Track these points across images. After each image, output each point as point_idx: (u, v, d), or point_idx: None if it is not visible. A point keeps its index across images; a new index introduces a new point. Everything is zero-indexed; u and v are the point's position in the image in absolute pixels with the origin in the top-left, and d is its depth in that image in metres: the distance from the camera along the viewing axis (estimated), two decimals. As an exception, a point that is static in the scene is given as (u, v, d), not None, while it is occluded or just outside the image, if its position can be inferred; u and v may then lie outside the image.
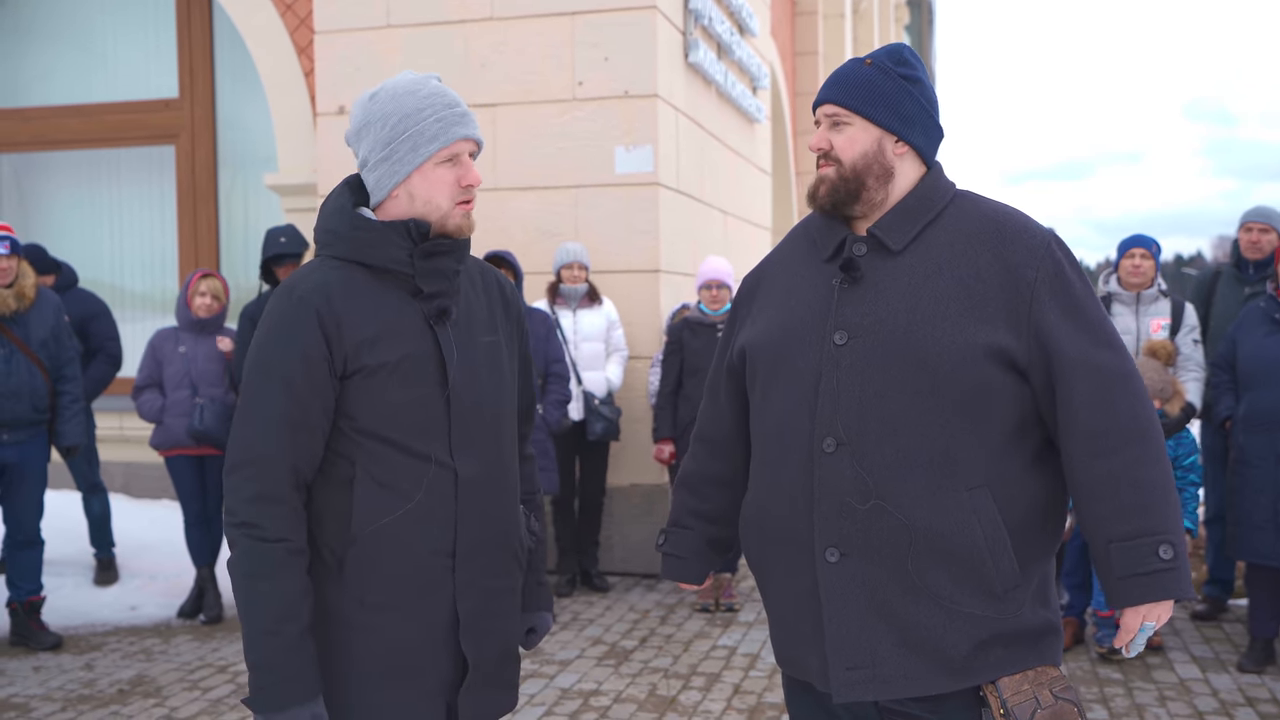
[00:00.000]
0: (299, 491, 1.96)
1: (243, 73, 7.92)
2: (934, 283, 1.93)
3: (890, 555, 1.89)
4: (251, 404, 1.96)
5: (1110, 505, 1.87)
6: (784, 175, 12.17)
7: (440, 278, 2.03)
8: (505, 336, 2.18)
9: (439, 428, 2.00)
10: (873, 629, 1.91)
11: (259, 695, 1.92)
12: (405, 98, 2.01)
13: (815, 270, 2.04)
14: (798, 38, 12.80)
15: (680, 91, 7.06)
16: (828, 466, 1.92)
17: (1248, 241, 5.93)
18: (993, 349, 1.88)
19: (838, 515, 1.91)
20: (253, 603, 1.93)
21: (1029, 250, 1.94)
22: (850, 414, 1.91)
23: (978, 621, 1.89)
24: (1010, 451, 1.92)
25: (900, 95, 2.00)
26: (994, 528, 1.88)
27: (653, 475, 6.69)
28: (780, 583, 2.04)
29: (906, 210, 2.00)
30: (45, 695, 4.72)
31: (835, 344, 1.94)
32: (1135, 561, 1.85)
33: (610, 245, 6.64)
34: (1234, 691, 4.63)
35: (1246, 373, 5.11)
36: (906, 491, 1.88)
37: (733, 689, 4.70)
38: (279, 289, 2.02)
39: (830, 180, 2.00)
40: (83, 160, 8.41)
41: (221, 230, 8.14)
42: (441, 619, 2.02)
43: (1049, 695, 1.89)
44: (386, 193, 2.03)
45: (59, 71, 8.41)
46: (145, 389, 5.92)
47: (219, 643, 5.47)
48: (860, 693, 1.93)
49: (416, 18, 6.83)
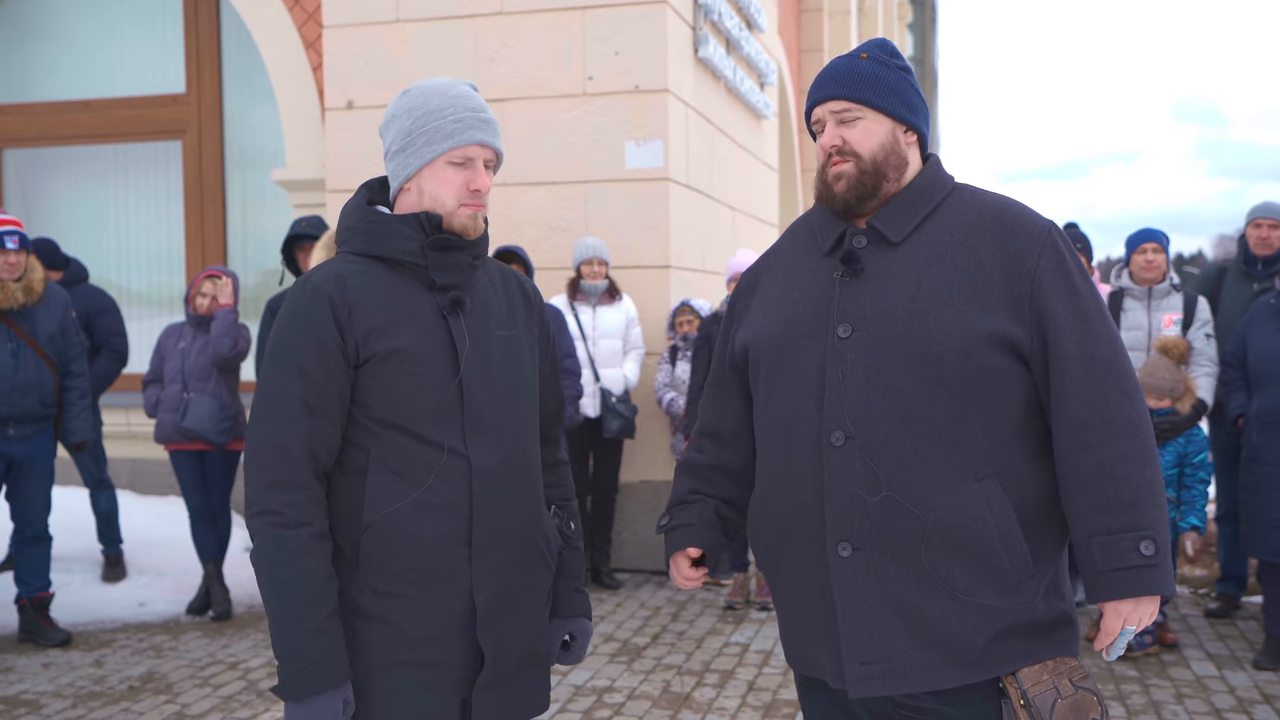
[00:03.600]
0: (318, 478, 1.97)
1: (250, 68, 7.90)
2: (935, 272, 1.92)
3: (903, 548, 1.88)
4: (268, 391, 1.99)
5: (1094, 499, 1.86)
6: (790, 172, 12.15)
7: (453, 270, 2.06)
8: (527, 335, 2.18)
9: (452, 417, 2.01)
10: (887, 623, 1.89)
11: (287, 683, 1.91)
12: (433, 96, 2.06)
13: (816, 264, 2.03)
14: (803, 34, 12.78)
15: (690, 87, 7.03)
16: (837, 460, 1.90)
17: (1257, 238, 5.90)
18: (996, 336, 1.88)
19: (848, 509, 1.90)
20: (277, 590, 1.92)
21: (1030, 238, 1.93)
22: (857, 406, 1.90)
23: (992, 613, 1.88)
24: (1018, 441, 1.91)
25: (902, 85, 2.00)
26: (1006, 518, 1.87)
27: (663, 472, 6.67)
28: (791, 579, 2.02)
29: (907, 201, 1.98)
30: (55, 692, 4.70)
31: (839, 337, 1.93)
32: (1116, 556, 1.84)
33: (620, 241, 6.62)
34: (1251, 689, 4.61)
35: (1258, 370, 5.09)
36: (917, 483, 1.87)
37: (747, 686, 4.68)
38: (297, 281, 2.06)
39: (850, 176, 1.97)
40: (89, 156, 8.39)
41: (229, 226, 8.12)
42: (457, 610, 2.01)
43: (1069, 685, 1.88)
44: (399, 184, 2.08)
45: (65, 66, 8.38)
46: (150, 384, 5.95)
47: (229, 639, 5.44)
48: (876, 688, 1.91)
49: (426, 12, 6.80)
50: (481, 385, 2.04)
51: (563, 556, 2.25)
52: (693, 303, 6.46)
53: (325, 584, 1.93)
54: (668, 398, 6.39)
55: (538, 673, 2.15)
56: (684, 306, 6.42)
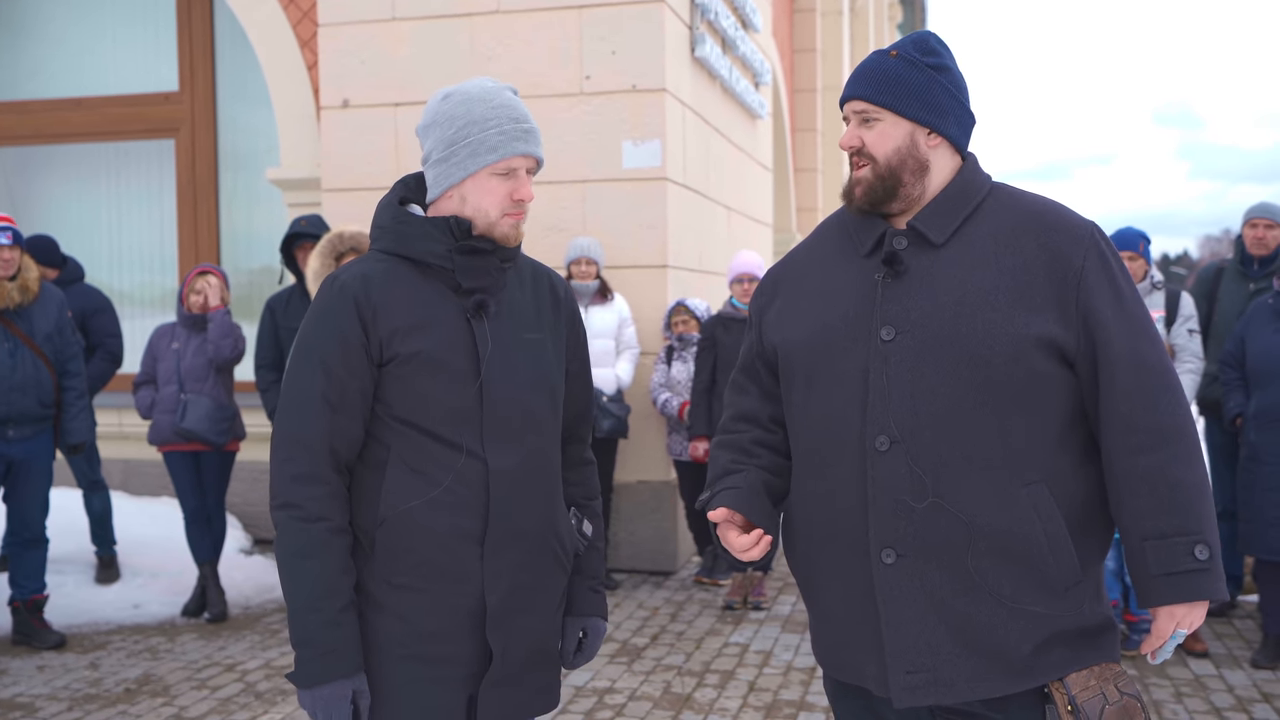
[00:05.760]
0: (340, 473, 2.01)
1: (244, 66, 7.85)
2: (980, 274, 1.89)
3: (949, 554, 1.85)
4: (293, 387, 2.03)
5: (1147, 502, 1.84)
6: (783, 172, 12.16)
7: (481, 274, 2.07)
8: (553, 336, 2.18)
9: (471, 419, 2.03)
10: (933, 631, 1.86)
11: (301, 670, 1.97)
12: (475, 104, 2.06)
13: (853, 266, 1.99)
14: (796, 34, 12.78)
15: (687, 86, 7.02)
16: (882, 465, 1.87)
17: (1253, 238, 5.92)
18: (1044, 339, 1.85)
19: (893, 515, 1.87)
20: (295, 581, 1.98)
21: (1075, 239, 1.90)
22: (903, 411, 1.87)
23: (1040, 620, 1.85)
24: (1065, 445, 1.89)
25: (929, 86, 1.94)
26: (1054, 524, 1.85)
27: (659, 472, 6.66)
28: (830, 586, 1.98)
29: (946, 202, 1.95)
30: (51, 695, 4.67)
31: (882, 340, 1.89)
32: (1170, 560, 1.83)
33: (618, 240, 6.60)
34: (1249, 687, 4.62)
35: (1256, 370, 5.10)
36: (964, 488, 1.84)
37: (748, 686, 4.67)
38: (326, 279, 2.08)
39: (866, 181, 1.96)
40: (82, 154, 8.33)
41: (222, 225, 8.07)
42: (468, 607, 2.03)
43: (1115, 691, 1.86)
44: (441, 191, 2.10)
45: (57, 64, 8.32)
46: (143, 384, 5.90)
47: (225, 641, 5.41)
48: (922, 697, 1.88)
49: (422, 10, 6.77)
50: (502, 389, 2.05)
51: (581, 556, 2.25)
52: (688, 303, 6.44)
53: (341, 577, 1.98)
54: (662, 398, 6.37)
55: (546, 672, 2.17)
56: (679, 307, 6.40)
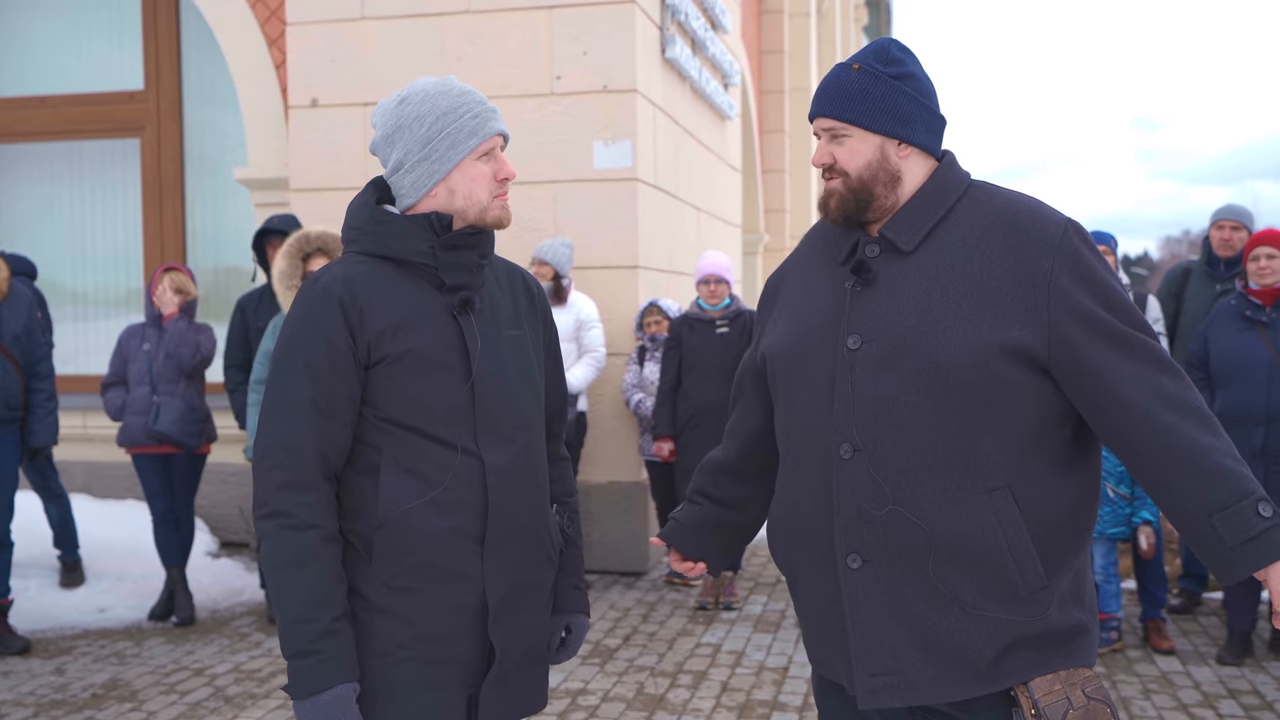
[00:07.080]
0: (328, 480, 1.98)
1: (210, 65, 7.77)
2: (946, 282, 1.89)
3: (911, 561, 1.87)
4: (278, 393, 1.98)
5: (1191, 480, 1.83)
6: (751, 173, 12.19)
7: (463, 270, 2.06)
8: (532, 333, 2.19)
9: (464, 417, 2.02)
10: (896, 635, 1.89)
11: (298, 680, 1.93)
12: (439, 98, 2.06)
13: (831, 273, 2.01)
14: (764, 36, 12.83)
15: (658, 87, 7.03)
16: (845, 473, 1.90)
17: (1220, 239, 6.00)
18: (1008, 347, 1.84)
19: (856, 522, 1.89)
20: (288, 590, 1.93)
21: (1043, 239, 1.89)
22: (865, 419, 1.88)
23: (1003, 625, 1.86)
24: (1032, 450, 1.88)
25: (894, 97, 1.93)
26: (1016, 530, 1.85)
27: (631, 473, 6.66)
28: (808, 586, 2.02)
29: (916, 209, 1.95)
30: (16, 700, 4.60)
31: (849, 348, 1.91)
32: (1243, 527, 1.81)
33: (589, 240, 6.60)
34: (1215, 684, 4.68)
35: (1219, 370, 5.16)
36: (923, 496, 1.86)
37: (721, 686, 4.68)
38: (306, 282, 2.06)
39: (839, 194, 1.96)
40: (45, 153, 8.21)
41: (188, 225, 7.98)
42: (468, 606, 2.02)
43: (1081, 696, 1.86)
44: (425, 191, 2.07)
45: (21, 62, 8.20)
46: (111, 386, 5.82)
47: (193, 645, 5.35)
48: (885, 699, 1.91)
49: (391, 10, 6.73)
50: (493, 385, 2.05)
51: (563, 554, 2.26)
52: (661, 303, 6.44)
53: (334, 586, 1.94)
54: (635, 398, 6.37)
55: (538, 670, 2.17)
56: (652, 307, 6.40)
